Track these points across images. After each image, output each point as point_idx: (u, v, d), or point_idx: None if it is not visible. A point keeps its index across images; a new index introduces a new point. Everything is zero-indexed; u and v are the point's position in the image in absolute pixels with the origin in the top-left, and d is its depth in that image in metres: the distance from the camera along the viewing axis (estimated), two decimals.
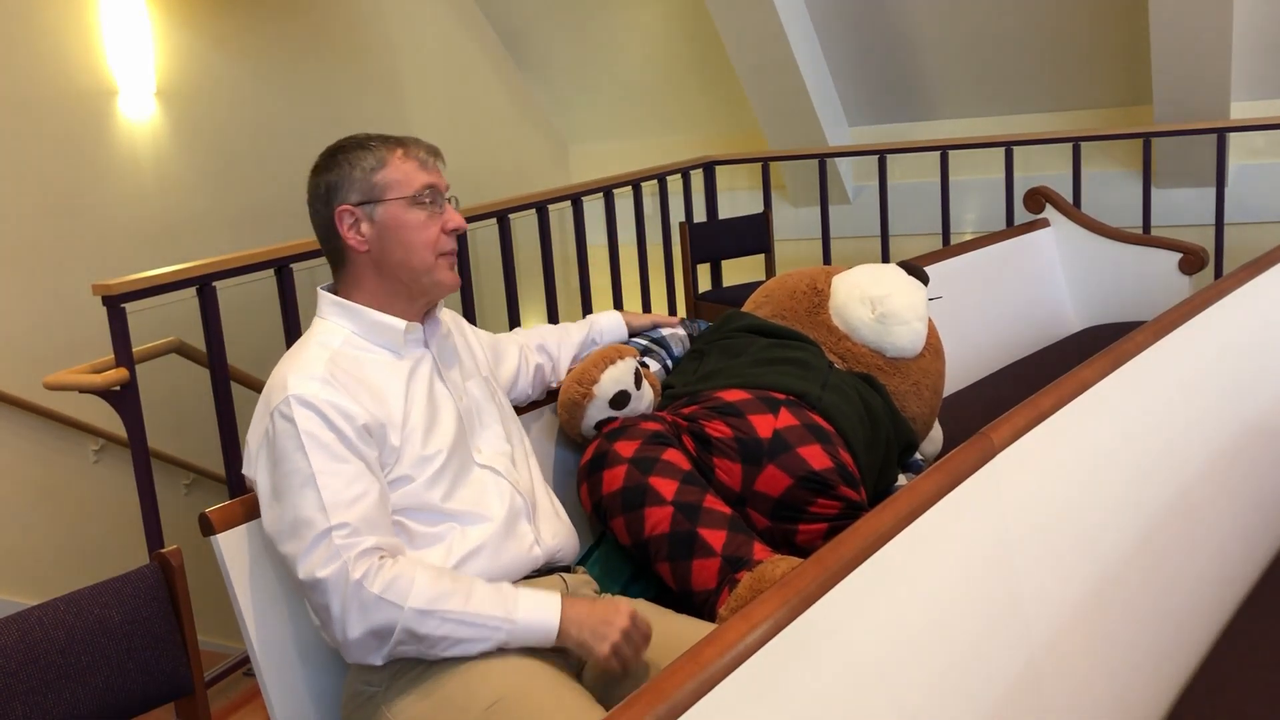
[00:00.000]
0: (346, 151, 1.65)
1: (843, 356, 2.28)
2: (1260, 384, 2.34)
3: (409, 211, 1.63)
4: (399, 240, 1.63)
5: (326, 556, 1.46)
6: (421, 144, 1.69)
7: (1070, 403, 1.67)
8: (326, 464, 1.49)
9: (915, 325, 2.28)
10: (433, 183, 1.66)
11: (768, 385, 2.02)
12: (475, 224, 3.69)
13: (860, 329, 2.27)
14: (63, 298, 4.03)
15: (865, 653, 1.24)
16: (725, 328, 2.26)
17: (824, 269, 2.43)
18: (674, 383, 2.14)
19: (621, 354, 2.00)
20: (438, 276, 1.66)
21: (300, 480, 1.49)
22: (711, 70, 5.79)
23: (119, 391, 2.64)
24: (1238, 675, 1.75)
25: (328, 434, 1.50)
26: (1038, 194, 3.79)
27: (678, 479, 1.79)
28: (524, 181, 5.87)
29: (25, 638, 1.54)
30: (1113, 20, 4.81)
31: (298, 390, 1.51)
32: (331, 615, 1.46)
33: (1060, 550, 1.60)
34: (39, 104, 4.11)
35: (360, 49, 5.51)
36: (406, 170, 1.65)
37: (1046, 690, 1.50)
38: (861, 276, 2.33)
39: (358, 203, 1.63)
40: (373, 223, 1.63)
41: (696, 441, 1.91)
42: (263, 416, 1.55)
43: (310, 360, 1.57)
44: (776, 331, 2.24)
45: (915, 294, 2.32)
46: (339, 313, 1.65)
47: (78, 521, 4.14)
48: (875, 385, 2.21)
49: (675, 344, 2.25)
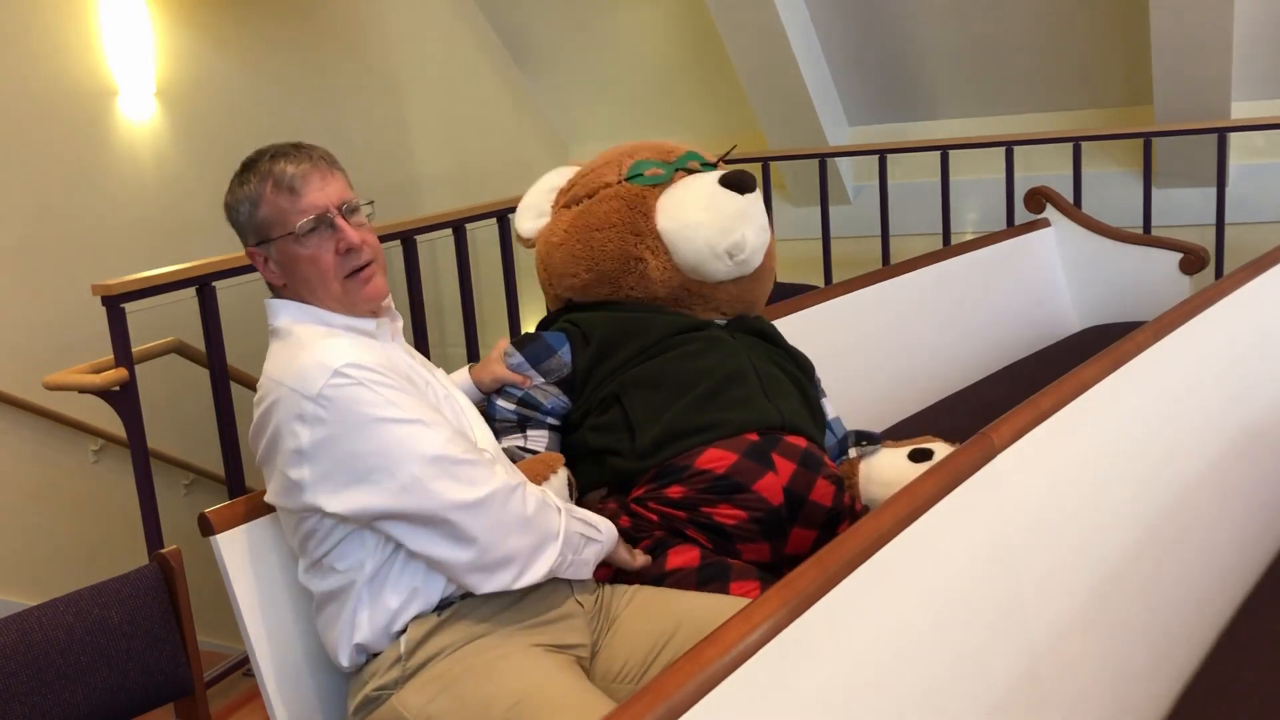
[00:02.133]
0: (231, 192, 1.61)
1: (715, 306, 2.06)
2: (1261, 384, 2.34)
3: (297, 246, 1.56)
4: (302, 276, 1.57)
5: (476, 476, 1.46)
6: (290, 161, 1.58)
7: (1070, 403, 1.67)
8: (416, 405, 1.48)
9: (766, 239, 2.06)
10: (308, 207, 1.55)
11: (733, 430, 1.82)
12: (475, 224, 3.69)
13: (720, 276, 2.02)
14: (62, 298, 4.02)
15: (865, 653, 1.24)
16: (618, 353, 1.92)
17: (622, 200, 2.06)
18: (618, 449, 1.85)
19: (551, 467, 1.74)
20: (353, 298, 1.59)
21: (406, 426, 1.44)
22: (711, 70, 5.78)
23: (118, 391, 2.64)
24: (1238, 676, 1.75)
25: (397, 382, 1.48)
26: (1038, 194, 3.79)
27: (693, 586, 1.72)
28: (524, 181, 5.81)
29: (25, 638, 1.54)
30: (1113, 20, 4.80)
31: (342, 360, 1.45)
32: (490, 535, 1.45)
33: (1060, 550, 1.60)
34: (39, 104, 4.11)
35: (360, 49, 5.51)
36: (279, 205, 1.56)
37: (1046, 690, 1.50)
38: (703, 232, 1.97)
39: (255, 244, 1.60)
40: (275, 260, 1.59)
41: (708, 533, 1.77)
42: (292, 415, 1.45)
43: (325, 343, 1.50)
44: (667, 332, 1.95)
45: (758, 214, 2.03)
46: (304, 314, 1.58)
47: (77, 522, 4.14)
48: (768, 336, 2.07)
49: (542, 397, 1.92)
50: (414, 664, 1.49)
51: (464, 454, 1.47)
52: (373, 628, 1.50)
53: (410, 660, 1.49)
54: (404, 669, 1.49)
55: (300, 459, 1.46)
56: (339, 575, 1.51)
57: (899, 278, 3.17)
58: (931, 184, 4.58)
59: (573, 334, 1.96)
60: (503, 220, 3.76)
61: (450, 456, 1.45)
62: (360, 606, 1.50)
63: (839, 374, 2.24)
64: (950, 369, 3.25)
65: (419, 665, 1.49)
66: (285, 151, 1.59)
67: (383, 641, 1.51)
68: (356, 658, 1.53)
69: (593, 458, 1.89)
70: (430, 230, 3.51)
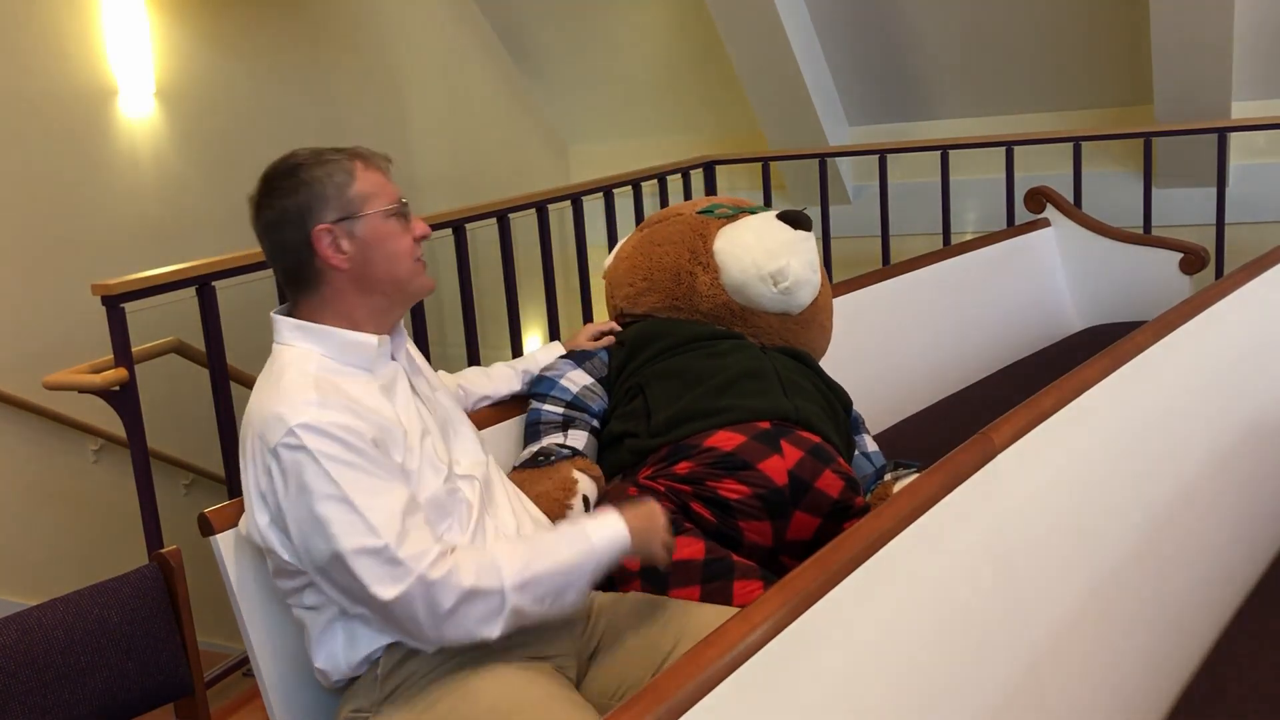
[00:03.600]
0: (308, 168, 1.56)
1: (754, 334, 2.18)
2: (1261, 384, 2.34)
3: (387, 223, 1.59)
4: (383, 253, 1.58)
5: (394, 574, 1.39)
6: (375, 153, 1.63)
7: (1070, 403, 1.67)
8: (359, 481, 1.41)
9: (814, 279, 2.18)
10: (395, 191, 1.62)
11: (746, 416, 1.91)
12: (475, 224, 3.69)
13: (763, 302, 2.16)
14: (62, 298, 4.02)
15: (865, 653, 1.24)
16: (647, 350, 2.09)
17: (689, 224, 2.24)
18: (635, 431, 1.97)
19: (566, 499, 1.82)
20: (420, 282, 1.63)
21: (334, 509, 1.40)
22: (711, 70, 5.78)
23: (118, 391, 2.63)
24: (1238, 676, 1.75)
25: (348, 454, 1.42)
26: (1038, 194, 3.79)
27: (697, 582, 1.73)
28: (524, 181, 5.85)
29: (25, 638, 1.53)
30: (1113, 20, 4.81)
31: (298, 419, 1.42)
32: (421, 626, 1.41)
33: (1060, 550, 1.60)
34: (39, 103, 4.11)
35: (360, 48, 5.51)
36: (376, 181, 1.60)
37: (1046, 690, 1.50)
38: (752, 254, 2.14)
39: (336, 220, 1.55)
40: (353, 238, 1.56)
41: (713, 507, 1.81)
42: (259, 458, 1.46)
43: (295, 387, 1.47)
44: (698, 335, 2.11)
45: (806, 250, 2.18)
46: (304, 336, 1.56)
47: (77, 521, 4.14)
48: (805, 360, 2.15)
49: (591, 400, 2.06)
50: (390, 686, 1.49)
51: (390, 544, 1.40)
52: (347, 656, 1.50)
53: (386, 683, 1.49)
54: (381, 691, 1.49)
55: (261, 500, 1.48)
56: (310, 612, 1.51)
57: (899, 278, 3.17)
58: (931, 184, 4.58)
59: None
60: (503, 220, 3.76)
61: (370, 549, 1.39)
62: (334, 635, 1.50)
63: (838, 374, 2.25)
64: (950, 369, 3.25)
65: (395, 687, 1.48)
66: (350, 146, 1.62)
67: (360, 667, 1.51)
68: (335, 680, 1.53)
69: (614, 444, 1.99)
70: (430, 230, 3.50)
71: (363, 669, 1.51)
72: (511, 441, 2.04)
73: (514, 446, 2.04)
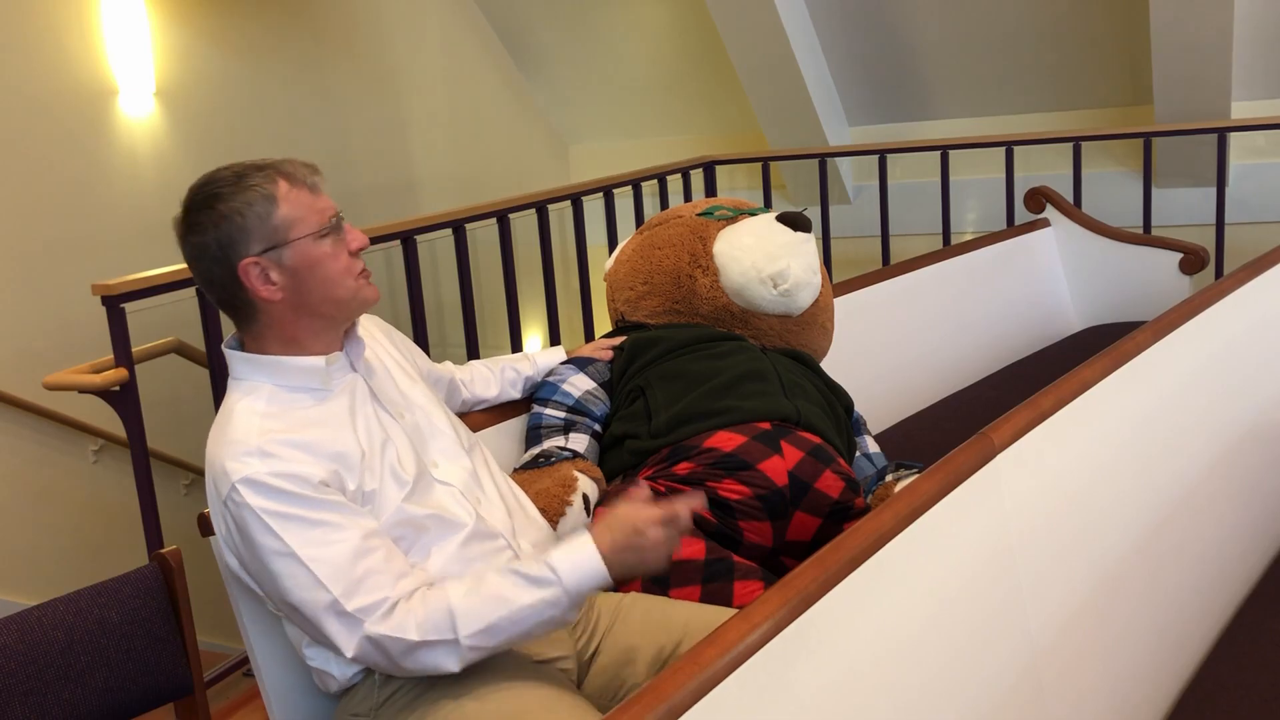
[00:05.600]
0: (225, 199, 1.46)
1: (755, 335, 2.19)
2: (1261, 384, 2.34)
3: (318, 245, 1.48)
4: (318, 278, 1.48)
5: (348, 626, 1.38)
6: (298, 165, 1.51)
7: (1070, 403, 1.67)
8: (304, 534, 1.38)
9: (814, 281, 2.18)
10: (326, 206, 1.51)
11: (746, 417, 1.91)
12: (475, 224, 3.69)
13: (763, 304, 2.16)
14: (63, 298, 4.02)
15: (865, 653, 1.24)
16: (648, 353, 2.09)
17: (688, 227, 2.24)
18: (636, 432, 1.97)
19: (567, 495, 1.79)
20: (363, 296, 1.53)
21: (282, 564, 1.38)
22: (711, 70, 5.78)
23: (118, 391, 2.63)
24: (1238, 676, 1.75)
25: (291, 506, 1.38)
26: (1038, 194, 3.79)
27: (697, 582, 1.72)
28: (524, 181, 5.86)
29: (25, 638, 1.53)
30: (1113, 20, 4.81)
31: (239, 474, 1.38)
32: (383, 666, 1.41)
33: (1060, 550, 1.60)
34: (39, 103, 4.11)
35: (360, 48, 5.51)
36: (302, 201, 1.48)
37: (1046, 690, 1.50)
38: (752, 256, 2.14)
39: (261, 251, 1.45)
40: (283, 268, 1.46)
41: (713, 508, 1.80)
42: (217, 507, 1.44)
43: (240, 434, 1.43)
44: (699, 337, 2.11)
45: (806, 252, 2.17)
46: (253, 369, 1.52)
47: (77, 521, 4.14)
48: (806, 361, 2.16)
49: (593, 404, 2.06)
50: (388, 691, 1.48)
51: (338, 599, 1.37)
52: (340, 665, 1.49)
53: (385, 688, 1.48)
54: (379, 696, 1.48)
55: (228, 544, 1.47)
56: (299, 631, 1.50)
57: (899, 278, 3.17)
58: (931, 184, 4.58)
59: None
60: (503, 220, 3.76)
61: (321, 604, 1.37)
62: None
63: (838, 374, 2.25)
64: (950, 369, 3.26)
65: (393, 692, 1.48)
66: (274, 161, 1.53)
67: (357, 676, 1.50)
68: (334, 689, 1.52)
69: (615, 445, 1.99)
70: (430, 230, 3.50)
71: (359, 678, 1.50)
72: (512, 442, 2.04)
73: (514, 447, 2.04)
